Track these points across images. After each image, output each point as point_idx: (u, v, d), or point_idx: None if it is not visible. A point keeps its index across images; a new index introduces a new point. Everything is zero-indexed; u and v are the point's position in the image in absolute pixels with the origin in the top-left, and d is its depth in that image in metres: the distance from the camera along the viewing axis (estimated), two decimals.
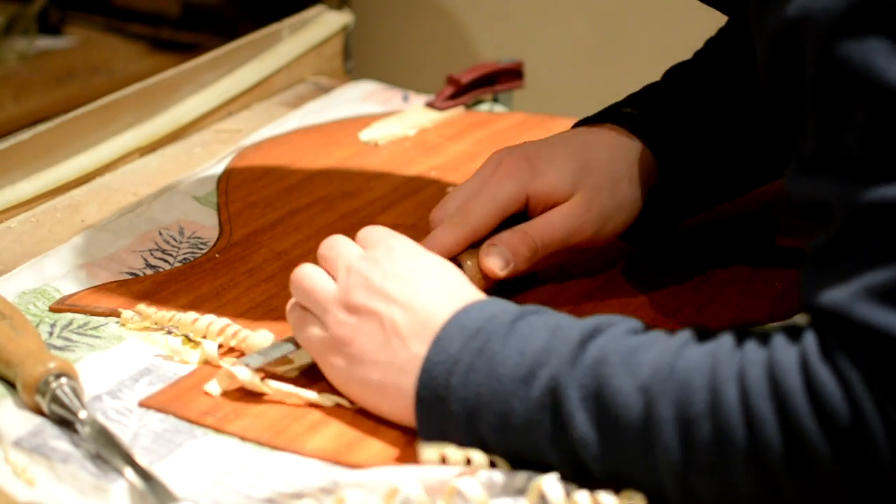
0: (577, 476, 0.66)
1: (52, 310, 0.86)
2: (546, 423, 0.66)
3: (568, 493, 0.66)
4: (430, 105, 1.19)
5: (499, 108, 1.22)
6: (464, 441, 0.69)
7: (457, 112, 1.19)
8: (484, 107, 1.22)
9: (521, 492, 0.68)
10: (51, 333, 0.83)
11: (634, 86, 0.94)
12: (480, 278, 0.82)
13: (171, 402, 0.76)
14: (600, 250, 0.90)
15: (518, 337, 0.68)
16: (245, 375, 0.75)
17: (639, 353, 0.65)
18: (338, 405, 0.76)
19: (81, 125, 1.08)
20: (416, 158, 1.10)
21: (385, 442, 0.73)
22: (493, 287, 0.83)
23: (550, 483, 0.66)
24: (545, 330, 0.68)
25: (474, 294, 0.73)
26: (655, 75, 0.95)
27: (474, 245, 0.83)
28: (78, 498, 0.69)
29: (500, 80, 1.22)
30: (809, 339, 0.62)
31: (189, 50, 1.81)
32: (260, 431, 0.74)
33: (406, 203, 1.01)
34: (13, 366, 0.76)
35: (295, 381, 0.78)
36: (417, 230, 0.87)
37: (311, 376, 0.79)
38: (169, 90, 1.16)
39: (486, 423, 0.68)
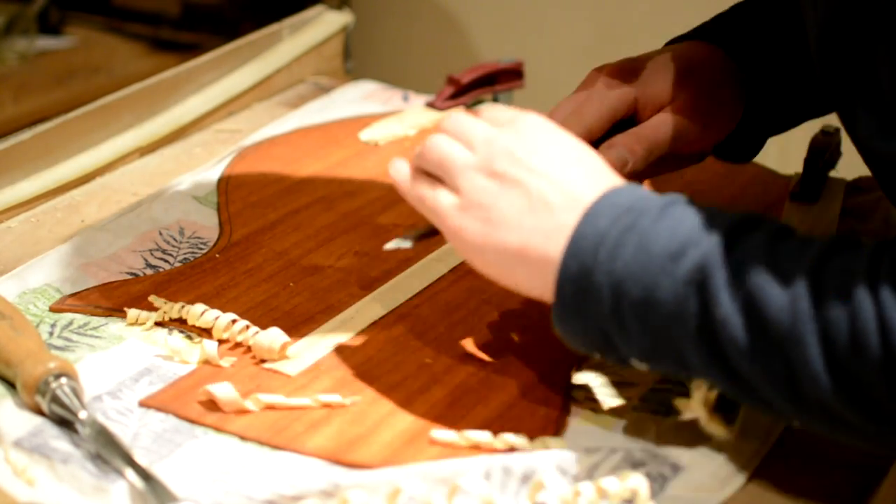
0: (709, 372, 0.67)
1: (52, 310, 0.86)
2: (691, 299, 0.66)
3: (573, 479, 0.66)
4: (430, 105, 1.19)
5: None
6: (599, 320, 0.68)
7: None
8: (484, 107, 1.21)
9: (523, 481, 0.68)
10: (51, 333, 0.83)
11: None
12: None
13: (172, 402, 0.76)
14: None
15: (670, 218, 0.68)
16: (227, 396, 0.75)
17: (788, 255, 0.65)
18: (327, 405, 0.76)
19: (81, 125, 1.07)
20: None
21: (385, 441, 0.73)
22: None
23: (552, 479, 0.66)
24: (697, 215, 0.68)
25: (619, 179, 0.73)
26: None
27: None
28: (78, 498, 0.69)
29: (500, 80, 1.22)
30: None
31: (189, 50, 1.81)
32: (260, 431, 0.74)
33: (406, 203, 1.01)
34: (13, 366, 0.76)
35: (294, 382, 0.78)
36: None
37: (311, 376, 0.79)
38: (169, 90, 1.16)
39: (629, 297, 0.67)
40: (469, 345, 0.83)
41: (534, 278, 0.71)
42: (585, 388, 0.79)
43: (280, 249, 0.94)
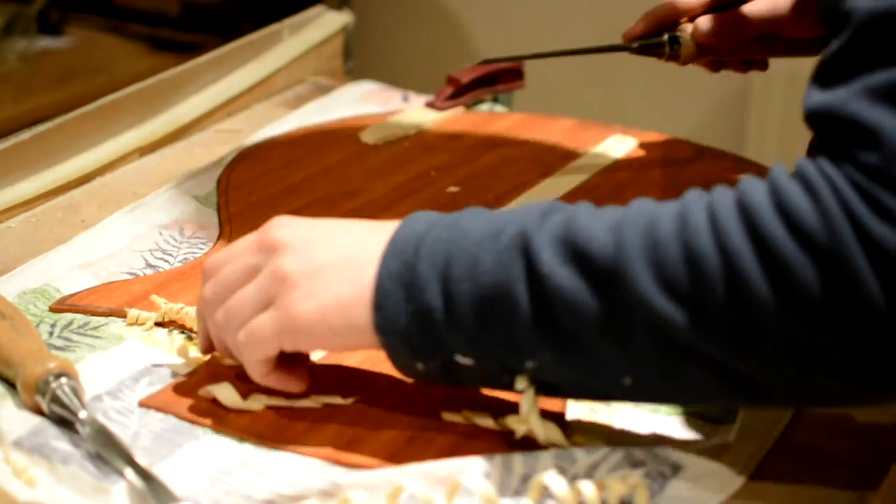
0: (539, 342, 0.65)
1: (52, 310, 0.86)
2: (515, 265, 0.65)
3: (572, 478, 0.66)
4: (430, 105, 1.19)
5: (499, 108, 1.22)
6: (430, 303, 0.66)
7: (457, 112, 1.19)
8: (484, 107, 1.22)
9: (523, 481, 0.68)
10: (51, 333, 0.83)
11: (635, 86, 0.94)
12: (693, 45, 0.96)
13: (172, 402, 0.76)
14: None
15: (484, 214, 0.68)
16: (227, 396, 0.75)
17: (607, 209, 0.66)
18: (328, 405, 0.76)
19: (81, 125, 1.08)
20: (416, 158, 1.10)
21: (385, 441, 0.73)
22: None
23: (552, 478, 0.66)
24: (508, 212, 0.68)
25: None
26: (656, 75, 0.95)
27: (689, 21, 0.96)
28: (78, 498, 0.69)
29: (500, 80, 1.22)
30: (779, 167, 0.62)
31: (189, 50, 1.81)
32: (260, 431, 0.74)
33: (406, 203, 1.01)
34: (13, 366, 0.76)
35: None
36: None
37: (311, 377, 0.79)
38: (169, 90, 1.16)
39: (456, 275, 0.65)
40: None
41: (360, 310, 0.68)
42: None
43: None
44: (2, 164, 1.01)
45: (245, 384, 0.77)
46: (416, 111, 1.18)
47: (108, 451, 0.70)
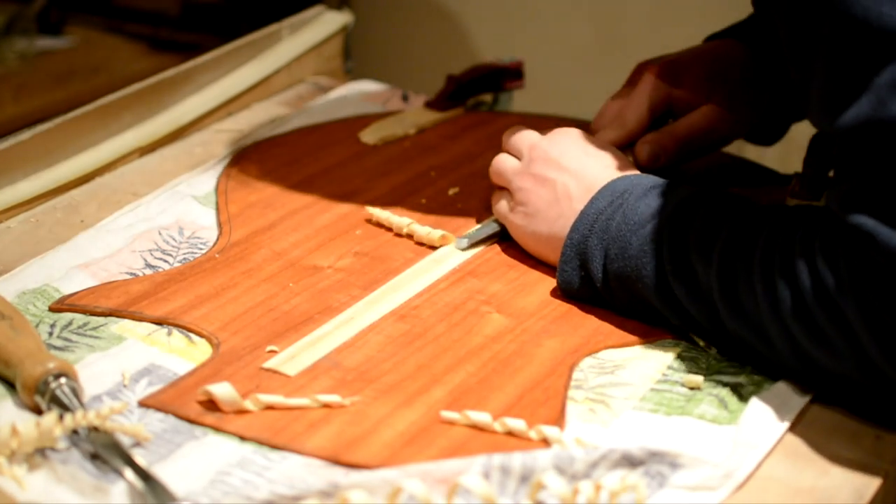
0: (670, 311, 0.82)
1: (52, 310, 0.86)
2: (649, 256, 0.82)
3: (571, 478, 0.66)
4: (430, 105, 1.19)
5: (499, 108, 1.22)
6: (592, 274, 0.85)
7: (457, 112, 1.19)
8: (484, 107, 1.22)
9: (522, 481, 0.68)
10: (51, 333, 0.83)
11: None
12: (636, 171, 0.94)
13: (171, 402, 0.76)
14: None
15: (650, 197, 0.85)
16: (226, 396, 0.75)
17: (721, 221, 0.80)
18: (327, 405, 0.76)
19: (81, 125, 1.07)
20: (416, 158, 1.09)
21: (384, 441, 0.73)
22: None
23: (551, 478, 0.66)
24: (671, 194, 0.84)
25: (628, 170, 0.90)
26: None
27: (630, 145, 0.99)
28: (78, 498, 0.69)
29: (501, 80, 1.22)
30: (818, 235, 0.75)
31: (189, 50, 1.81)
32: (259, 431, 0.74)
33: (406, 203, 1.01)
34: (13, 366, 0.76)
35: (293, 382, 0.78)
36: None
37: (310, 377, 0.79)
38: (169, 90, 1.16)
39: (612, 254, 0.84)
40: (469, 345, 0.83)
41: (559, 254, 0.88)
42: (585, 388, 0.79)
43: (279, 250, 0.94)
44: (2, 164, 1.01)
45: (243, 385, 0.78)
46: (416, 111, 1.18)
47: (107, 451, 0.70)
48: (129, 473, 0.69)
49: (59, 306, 0.86)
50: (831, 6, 0.72)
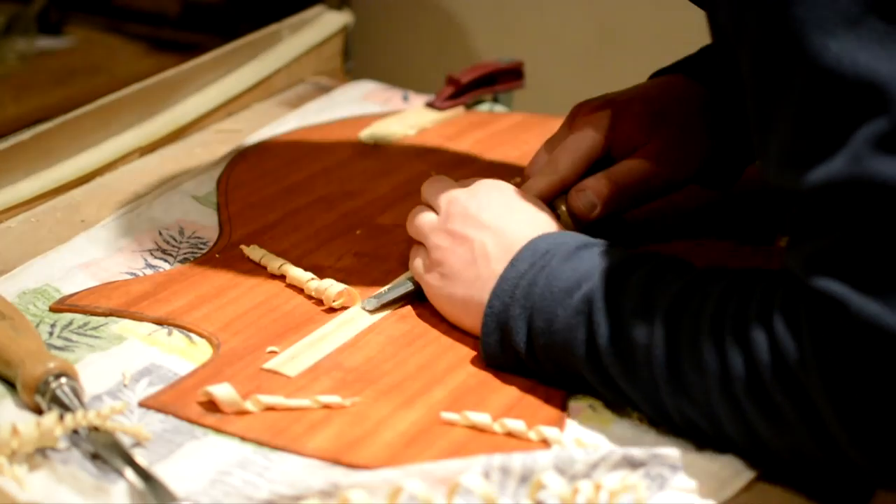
0: (603, 387, 0.75)
1: (52, 310, 0.86)
2: (580, 328, 0.75)
3: (571, 478, 0.66)
4: (430, 105, 1.19)
5: (499, 108, 1.22)
6: (517, 347, 0.77)
7: (457, 112, 1.19)
8: (484, 107, 1.22)
9: (522, 481, 0.68)
10: (51, 333, 0.83)
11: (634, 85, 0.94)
12: (571, 221, 0.89)
13: (172, 403, 0.76)
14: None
15: (576, 259, 0.77)
16: (227, 397, 0.75)
17: (661, 286, 0.73)
18: (327, 406, 0.76)
19: (81, 125, 1.07)
20: (416, 158, 1.09)
21: (385, 442, 0.73)
22: (586, 228, 0.87)
23: (551, 478, 0.66)
24: (599, 256, 0.77)
25: (554, 226, 0.83)
26: None
27: (565, 192, 0.90)
28: (78, 498, 0.69)
29: (500, 80, 1.22)
30: (778, 299, 0.67)
31: (189, 50, 1.80)
32: (260, 431, 0.74)
33: (406, 203, 1.01)
34: (13, 366, 0.76)
35: (294, 383, 0.78)
36: None
37: (310, 377, 0.79)
38: (169, 90, 1.16)
39: (537, 326, 0.76)
40: (470, 345, 0.83)
41: (477, 322, 0.80)
42: (585, 390, 0.79)
43: (280, 249, 0.93)
44: (2, 164, 1.01)
45: (244, 385, 0.78)
46: (416, 111, 1.18)
47: (107, 451, 0.70)
48: (129, 473, 0.69)
49: (60, 306, 0.86)
50: (800, 53, 0.64)
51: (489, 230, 0.81)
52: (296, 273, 0.88)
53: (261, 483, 0.70)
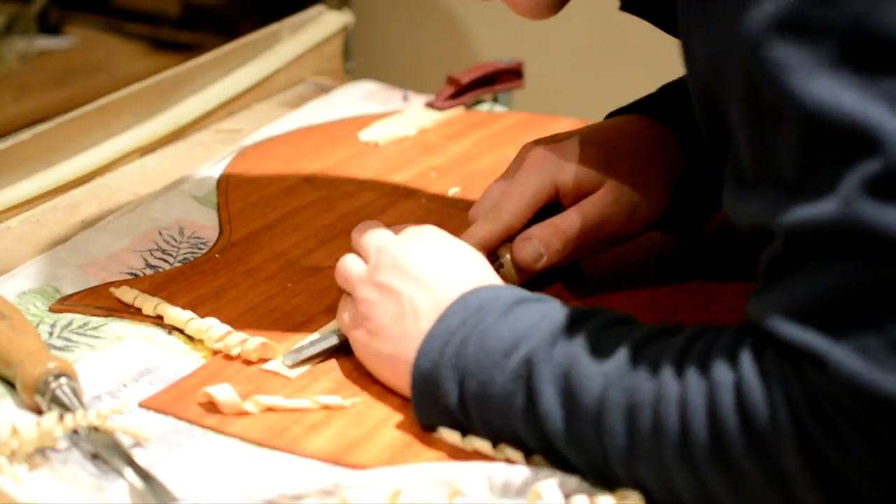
0: (546, 455, 0.69)
1: (52, 310, 0.85)
2: (519, 394, 0.69)
3: (567, 496, 0.66)
4: (430, 105, 1.19)
5: (499, 108, 1.22)
6: (448, 410, 0.72)
7: (457, 112, 1.19)
8: (484, 107, 1.22)
9: (522, 488, 0.68)
10: (51, 333, 0.83)
11: (635, 86, 0.94)
12: (515, 272, 0.83)
13: (172, 404, 0.76)
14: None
15: (512, 317, 0.71)
16: (226, 398, 0.75)
17: (611, 342, 0.67)
18: (327, 407, 0.76)
19: (81, 125, 1.08)
20: (416, 158, 1.09)
21: (385, 442, 0.73)
22: (533, 279, 0.84)
23: (549, 488, 0.66)
24: (538, 313, 0.71)
25: (490, 279, 0.76)
26: (655, 75, 0.95)
27: (511, 239, 0.84)
28: (78, 498, 0.69)
29: (500, 80, 1.22)
30: (746, 352, 0.62)
31: (189, 50, 1.81)
32: (260, 432, 0.74)
33: (406, 203, 1.01)
34: (13, 366, 0.76)
35: (293, 384, 0.78)
36: None
37: (310, 378, 0.79)
38: (169, 90, 1.16)
39: (469, 391, 0.70)
40: None
41: (404, 382, 0.74)
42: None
43: (280, 249, 0.93)
44: (2, 164, 1.01)
45: (244, 386, 0.77)
46: (416, 111, 1.18)
47: (107, 451, 0.70)
48: (129, 473, 0.69)
49: (60, 306, 0.86)
50: (783, 96, 0.60)
51: (419, 283, 0.74)
52: (174, 314, 0.83)
53: (261, 482, 0.70)
